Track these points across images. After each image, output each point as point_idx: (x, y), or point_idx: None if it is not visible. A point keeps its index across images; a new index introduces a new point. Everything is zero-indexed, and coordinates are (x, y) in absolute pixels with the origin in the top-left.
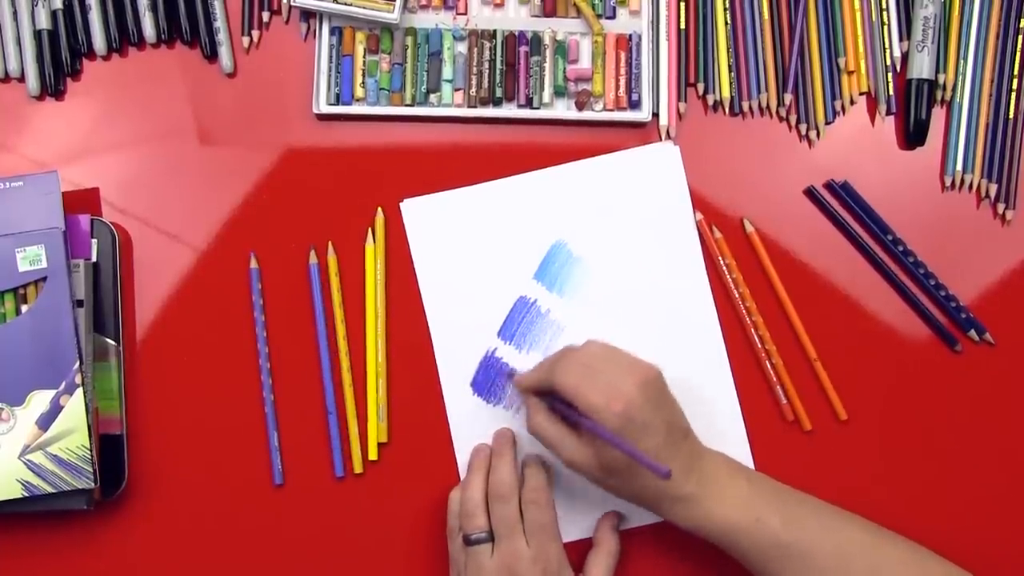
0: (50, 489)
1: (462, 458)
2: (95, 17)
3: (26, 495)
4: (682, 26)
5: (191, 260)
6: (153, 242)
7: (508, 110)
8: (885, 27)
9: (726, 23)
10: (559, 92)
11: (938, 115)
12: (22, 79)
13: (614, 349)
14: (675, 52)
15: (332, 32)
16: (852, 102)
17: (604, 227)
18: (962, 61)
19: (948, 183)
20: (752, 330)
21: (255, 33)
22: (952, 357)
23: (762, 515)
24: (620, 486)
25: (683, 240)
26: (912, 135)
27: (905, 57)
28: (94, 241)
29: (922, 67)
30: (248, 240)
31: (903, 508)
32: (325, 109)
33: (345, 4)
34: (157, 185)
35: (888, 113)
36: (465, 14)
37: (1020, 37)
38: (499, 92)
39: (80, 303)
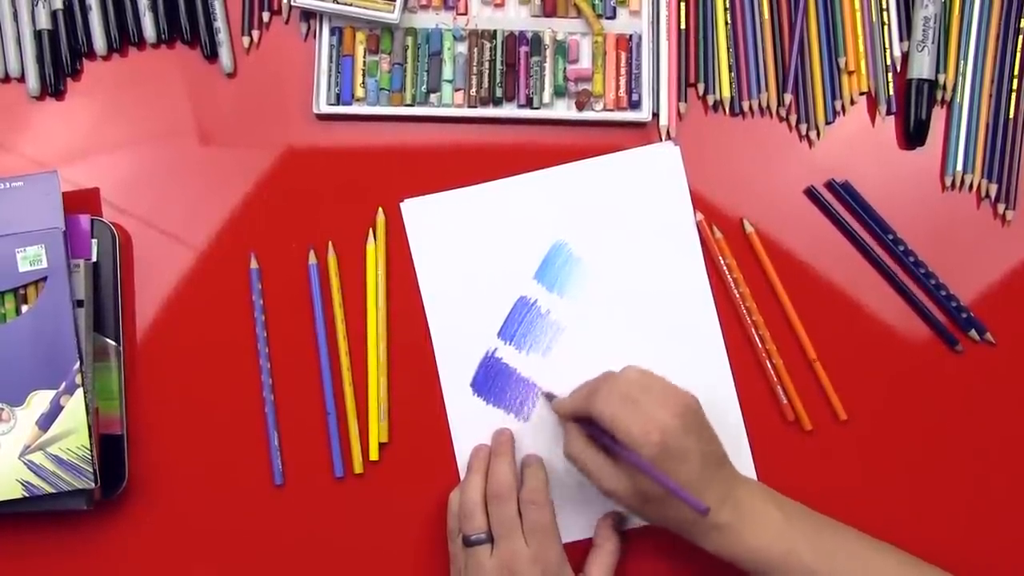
0: (50, 489)
1: (462, 458)
2: (95, 17)
3: (26, 495)
4: (682, 26)
5: (191, 260)
6: (153, 242)
7: (508, 110)
8: (885, 27)
9: (726, 23)
10: (559, 92)
11: (938, 115)
12: (22, 79)
13: (652, 376)
14: (675, 52)
15: (332, 32)
16: (852, 102)
17: (604, 227)
18: (962, 61)
19: (948, 183)
20: (752, 330)
21: (255, 33)
22: (952, 357)
23: (794, 546)
24: (655, 514)
25: (683, 240)
26: (912, 135)
27: (905, 57)
28: (94, 241)
29: (922, 67)
30: (248, 240)
31: (903, 508)
32: (325, 109)
33: (345, 4)
34: (157, 185)
35: (888, 113)
36: (465, 14)
37: (1020, 37)
38: (499, 92)
39: (80, 303)
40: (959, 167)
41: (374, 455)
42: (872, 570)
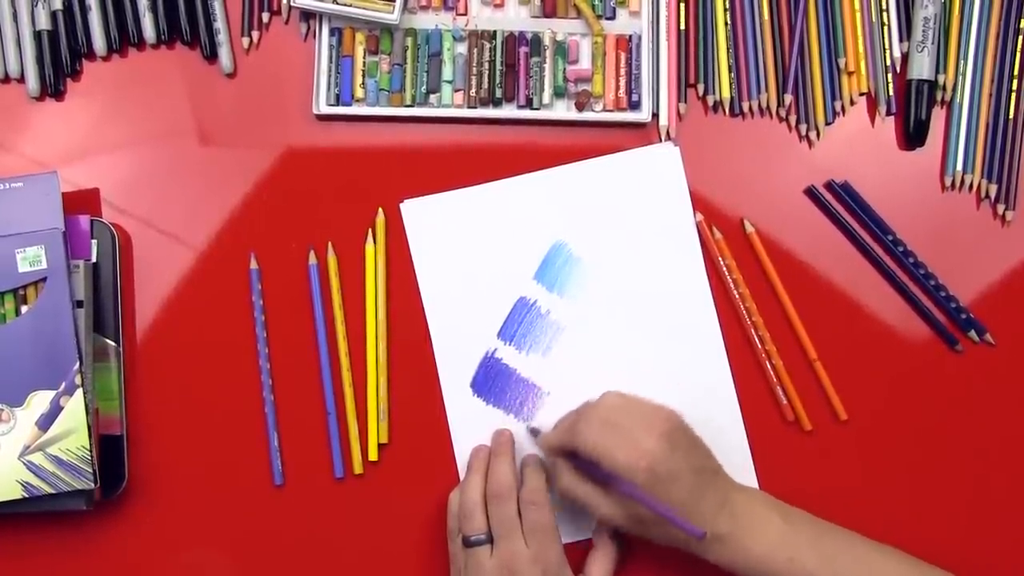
0: (50, 490)
1: (462, 459)
2: (95, 18)
3: (26, 496)
4: (682, 27)
5: (191, 260)
6: (153, 242)
7: (508, 111)
8: (885, 27)
9: (726, 23)
10: (559, 93)
11: (938, 115)
12: (22, 79)
13: (632, 400)
14: (675, 53)
15: (332, 33)
16: (852, 102)
17: (604, 228)
18: (962, 61)
19: (948, 183)
20: (752, 330)
21: (255, 34)
22: (952, 357)
23: (796, 553)
24: (654, 535)
25: (683, 240)
26: (912, 135)
27: (905, 57)
28: (94, 242)
29: (922, 67)
30: (248, 240)
31: (903, 508)
32: (325, 110)
33: (345, 5)
34: (157, 185)
35: (888, 113)
36: (465, 15)
37: (1020, 37)
38: (499, 93)
39: (80, 303)
40: (959, 167)
41: (374, 455)
42: (876, 573)
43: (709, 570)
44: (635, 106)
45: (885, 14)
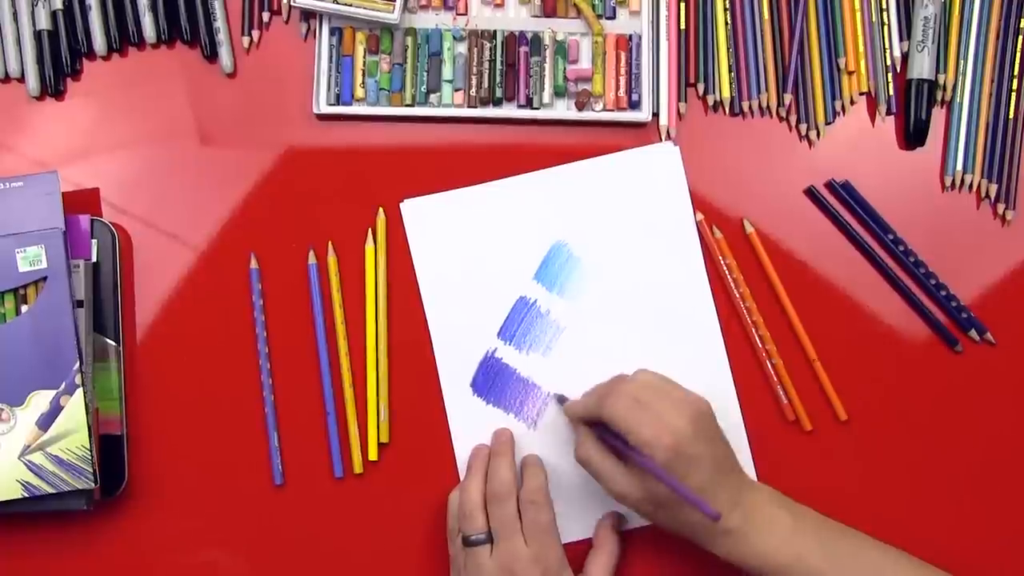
0: (50, 489)
1: (462, 458)
2: (95, 17)
3: (26, 495)
4: (682, 26)
5: (191, 260)
6: (153, 242)
7: (508, 110)
8: (885, 27)
9: (726, 23)
10: (559, 92)
11: (938, 115)
12: (22, 79)
13: (665, 380)
14: (675, 52)
15: (332, 32)
16: (852, 102)
17: (604, 227)
18: (962, 61)
19: (948, 183)
20: (752, 330)
21: (255, 33)
22: (952, 357)
23: (803, 551)
24: (666, 518)
25: (683, 240)
26: (912, 135)
27: (905, 57)
28: (94, 241)
29: (922, 67)
30: (248, 240)
31: (903, 508)
32: (325, 109)
33: (345, 4)
34: (157, 185)
35: (888, 113)
36: (465, 14)
37: (1020, 37)
38: (499, 92)
39: (80, 303)
40: (959, 167)
41: (374, 455)
42: (882, 575)
43: (710, 569)
44: (635, 106)
45: (885, 14)
